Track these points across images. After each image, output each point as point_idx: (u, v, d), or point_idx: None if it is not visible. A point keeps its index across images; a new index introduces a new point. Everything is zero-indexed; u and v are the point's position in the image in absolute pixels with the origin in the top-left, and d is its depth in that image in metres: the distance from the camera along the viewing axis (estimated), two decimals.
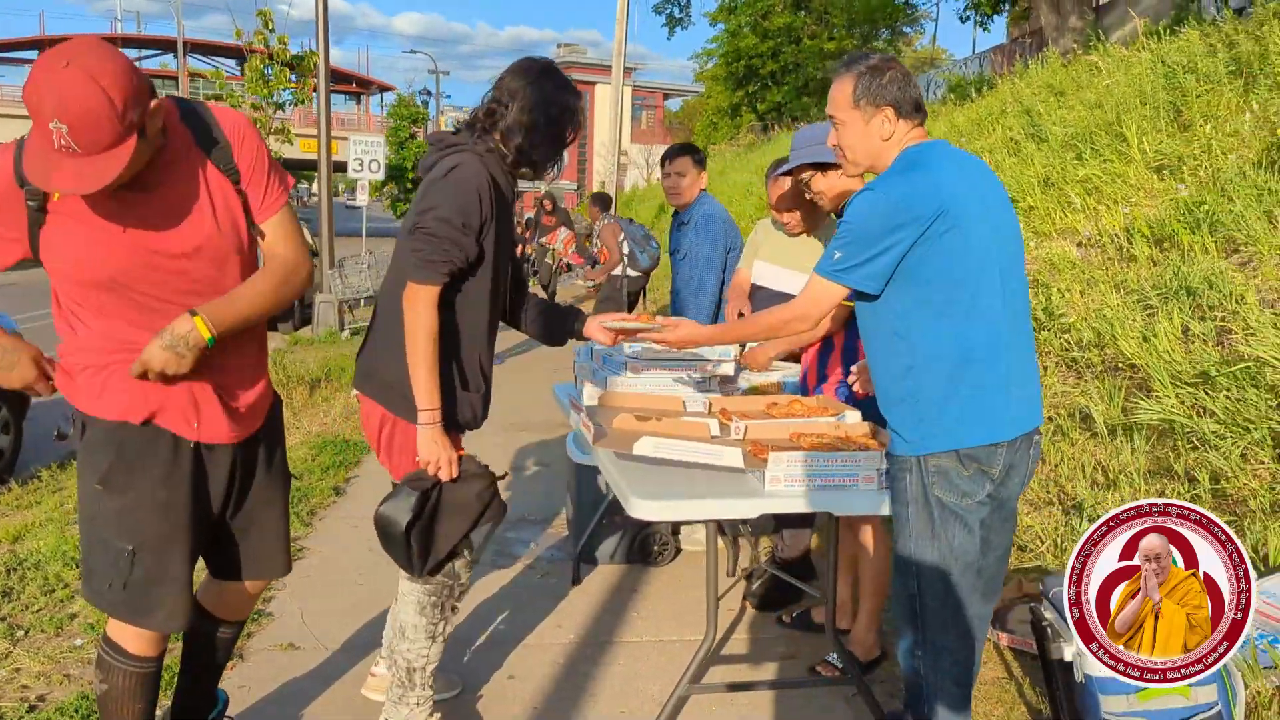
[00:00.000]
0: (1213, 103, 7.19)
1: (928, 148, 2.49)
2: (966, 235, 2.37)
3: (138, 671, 2.34)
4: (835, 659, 3.35)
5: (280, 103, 9.68)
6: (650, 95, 50.06)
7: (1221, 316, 4.67)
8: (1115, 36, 12.80)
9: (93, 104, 1.88)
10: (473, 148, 2.63)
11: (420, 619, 2.78)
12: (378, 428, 2.73)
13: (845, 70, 2.54)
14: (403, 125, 29.10)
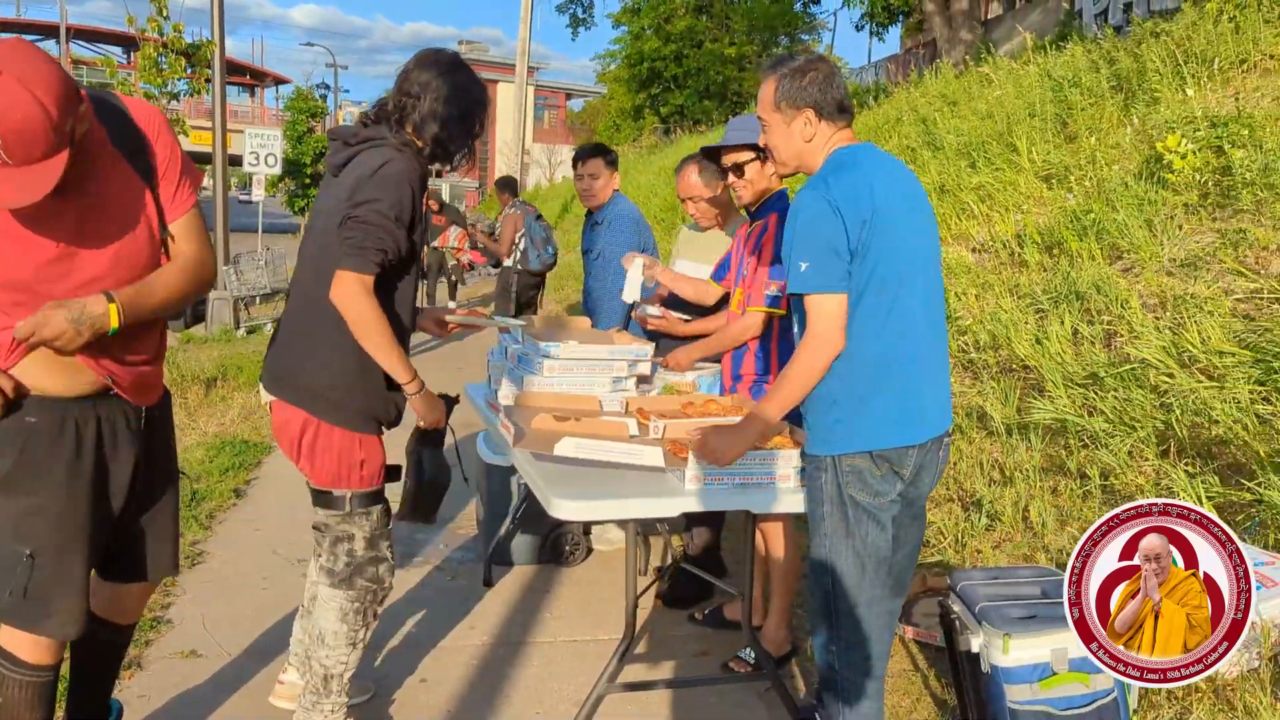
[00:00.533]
0: (1096, 116, 7.54)
1: (857, 150, 2.53)
2: (893, 238, 2.43)
3: (35, 681, 2.23)
4: (748, 655, 3.40)
5: (175, 93, 9.34)
6: (553, 95, 49.91)
7: (1108, 320, 4.90)
8: (1004, 49, 13.30)
9: (29, 115, 1.79)
10: (390, 142, 2.59)
11: (342, 626, 2.72)
12: (298, 433, 2.64)
13: (770, 72, 2.57)
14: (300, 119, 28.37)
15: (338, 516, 2.71)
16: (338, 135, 2.69)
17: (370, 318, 2.49)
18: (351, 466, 2.68)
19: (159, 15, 8.62)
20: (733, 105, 28.33)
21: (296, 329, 2.65)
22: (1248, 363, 3.94)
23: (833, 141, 2.54)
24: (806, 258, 2.41)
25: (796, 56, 2.59)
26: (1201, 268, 4.86)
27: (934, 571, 3.88)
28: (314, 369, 2.59)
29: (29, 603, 2.14)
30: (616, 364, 3.51)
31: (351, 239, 2.47)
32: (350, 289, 2.46)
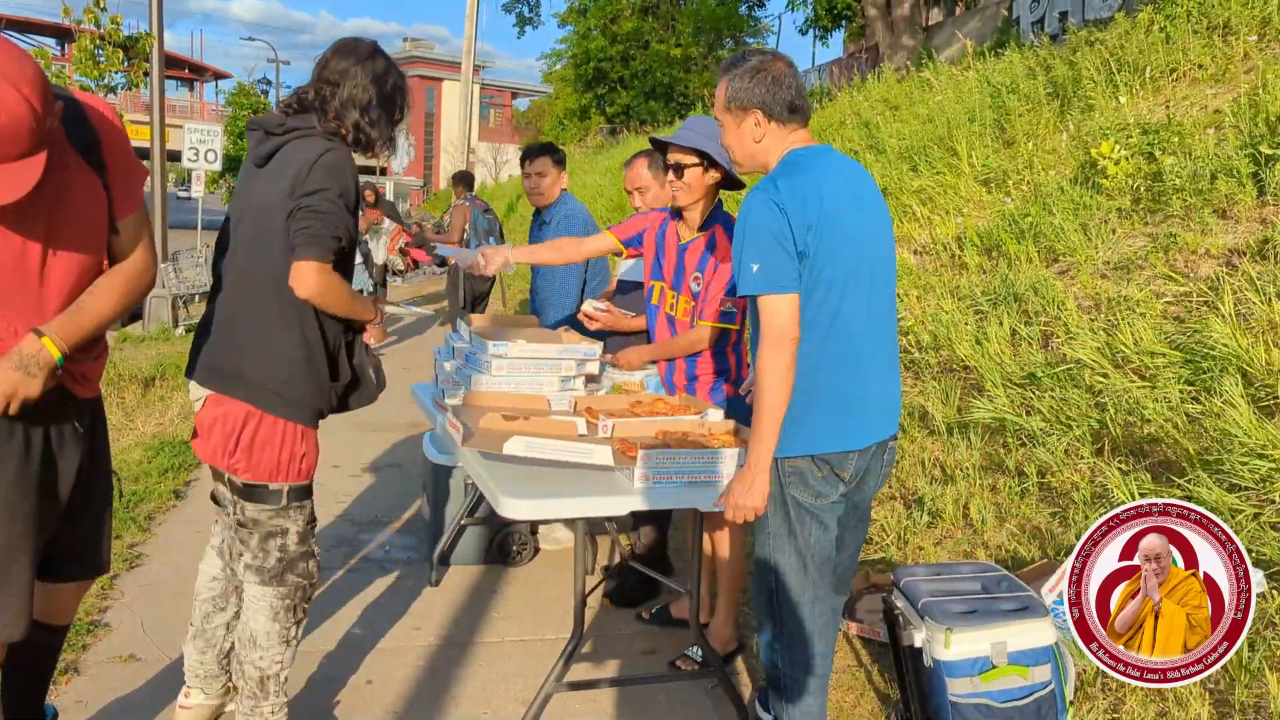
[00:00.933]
0: (1033, 122, 7.70)
1: (811, 152, 2.55)
2: (841, 242, 2.45)
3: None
4: (695, 653, 3.43)
5: (112, 86, 9.11)
6: (499, 94, 49.64)
7: (1045, 321, 5.02)
8: (944, 55, 13.53)
9: (15, 112, 1.78)
10: (319, 131, 2.59)
11: (274, 624, 2.68)
12: (238, 427, 2.59)
13: (723, 73, 2.59)
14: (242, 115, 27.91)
15: (270, 511, 2.65)
16: (259, 125, 2.65)
17: (339, 291, 2.55)
18: (292, 459, 2.64)
19: (96, 6, 8.41)
20: (679, 106, 28.41)
21: (237, 321, 2.60)
22: (1178, 363, 4.07)
23: (788, 142, 2.56)
24: (757, 259, 2.43)
25: (750, 56, 2.58)
26: (1134, 271, 5.00)
27: (877, 568, 3.94)
28: (261, 361, 2.56)
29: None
30: (565, 363, 3.51)
31: (308, 229, 2.45)
32: (316, 278, 2.46)
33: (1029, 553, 3.70)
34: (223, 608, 2.87)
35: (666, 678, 3.39)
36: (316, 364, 2.61)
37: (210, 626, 2.87)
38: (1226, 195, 5.07)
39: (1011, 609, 2.68)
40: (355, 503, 5.22)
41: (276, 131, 2.60)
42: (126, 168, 2.17)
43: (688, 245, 3.49)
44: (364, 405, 2.87)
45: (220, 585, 2.87)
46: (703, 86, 27.43)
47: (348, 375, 2.74)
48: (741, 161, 2.64)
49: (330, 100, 2.61)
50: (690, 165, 3.35)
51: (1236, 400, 3.58)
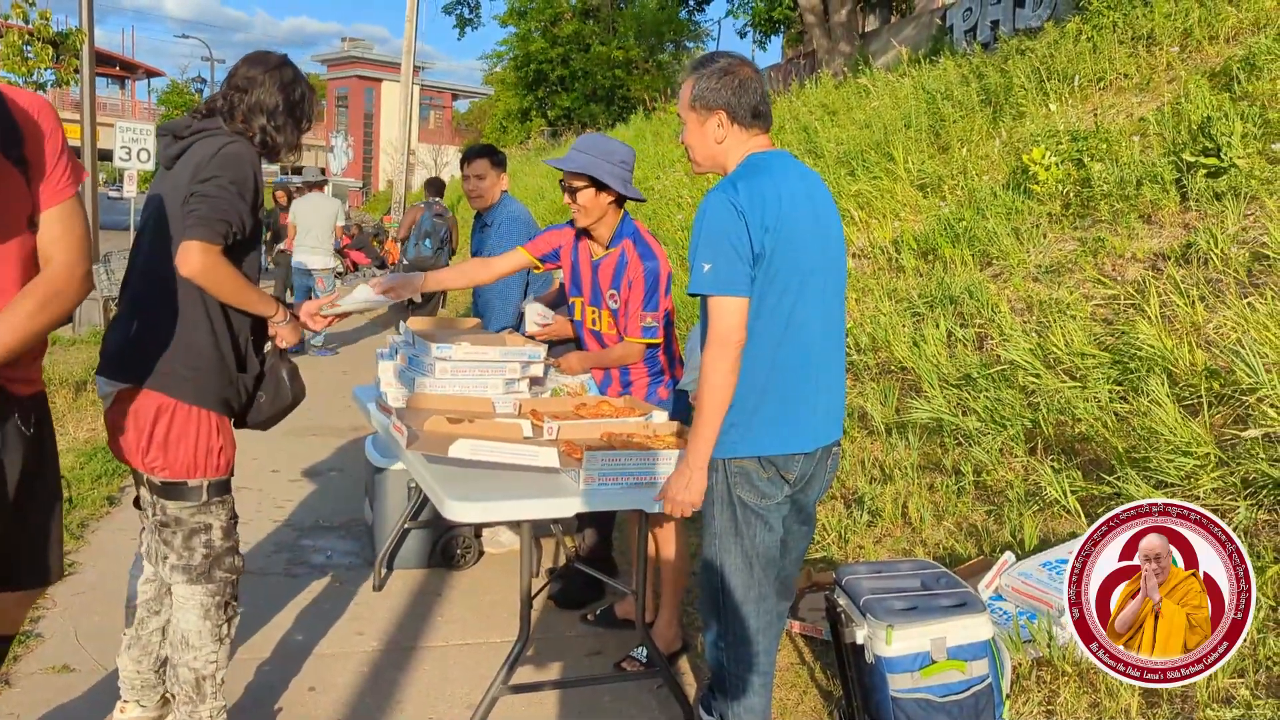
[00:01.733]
0: (967, 128, 7.88)
1: (772, 156, 2.58)
2: (796, 246, 2.49)
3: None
4: (640, 654, 3.45)
5: (41, 83, 8.85)
6: (439, 95, 49.21)
7: (980, 323, 5.13)
8: (880, 62, 13.75)
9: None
10: (225, 131, 2.62)
11: (205, 623, 2.65)
12: (150, 422, 2.55)
13: (690, 72, 2.62)
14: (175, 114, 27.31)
15: (192, 508, 2.62)
16: (168, 130, 2.69)
17: (225, 275, 2.50)
18: (210, 453, 2.61)
19: (24, 1, 8.17)
20: (620, 108, 28.46)
21: (142, 313, 2.59)
22: (1107, 364, 4.19)
23: (748, 146, 2.59)
24: (710, 259, 2.45)
25: (719, 58, 2.61)
26: (1064, 274, 5.13)
27: (819, 567, 4.00)
28: (172, 351, 2.54)
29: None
30: (509, 365, 3.51)
31: (196, 211, 2.46)
32: (200, 257, 2.43)
33: (966, 550, 3.79)
34: (156, 611, 2.83)
35: (612, 679, 3.41)
36: (223, 352, 2.60)
37: (145, 633, 2.83)
38: (1151, 201, 5.23)
39: (950, 605, 2.74)
40: (296, 508, 5.15)
41: (184, 135, 2.63)
42: (54, 160, 2.09)
43: (599, 262, 3.53)
44: (278, 414, 2.83)
45: (152, 589, 2.82)
46: (643, 89, 27.50)
47: (256, 368, 2.73)
48: (700, 161, 2.66)
49: (238, 105, 2.66)
50: (581, 188, 3.40)
51: (1162, 399, 3.70)
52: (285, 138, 2.73)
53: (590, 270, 3.56)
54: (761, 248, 2.44)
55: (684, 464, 2.57)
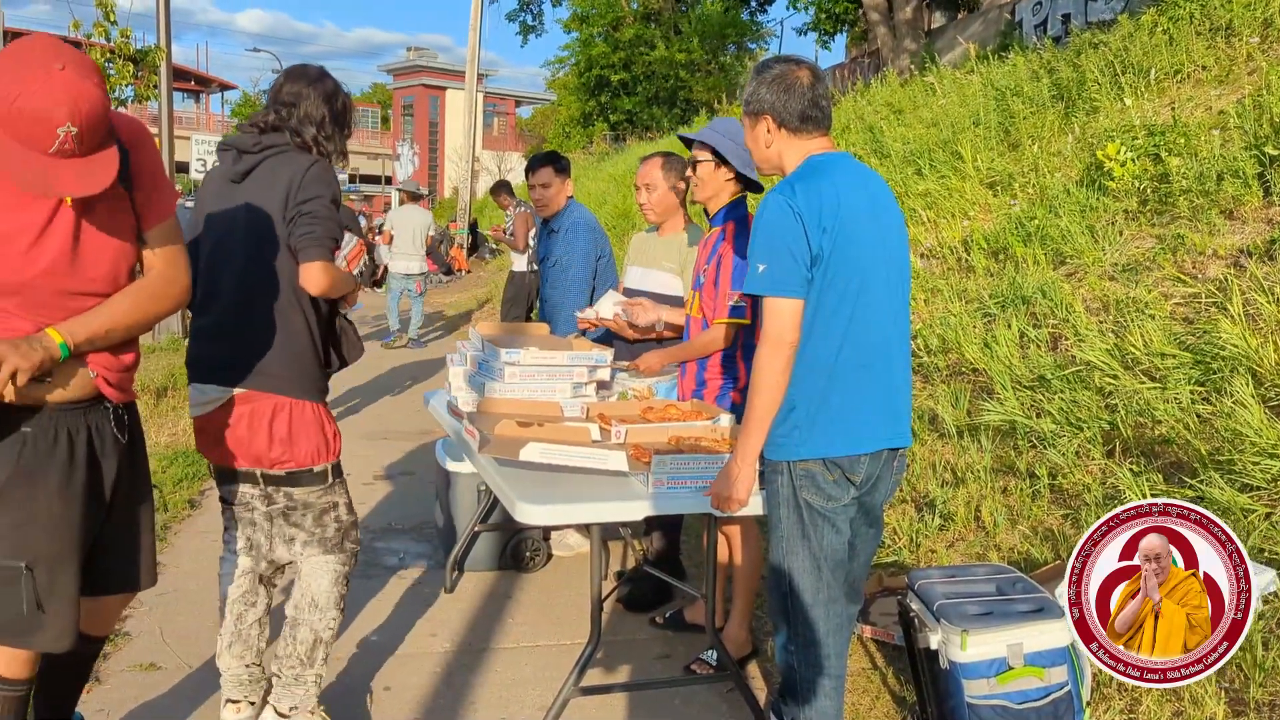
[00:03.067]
0: (1038, 124, 7.72)
1: (831, 157, 2.58)
2: (856, 247, 2.48)
3: (13, 695, 2.20)
4: (710, 657, 3.45)
5: (122, 99, 9.14)
6: (502, 102, 49.76)
7: (1054, 324, 5.03)
8: (946, 59, 13.55)
9: (98, 105, 1.90)
10: (294, 149, 2.81)
11: (334, 589, 2.91)
12: (269, 420, 2.74)
13: (751, 76, 2.66)
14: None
15: (319, 490, 2.86)
16: (231, 145, 2.86)
17: (339, 279, 2.77)
18: (328, 439, 2.86)
19: (106, 20, 8.45)
20: (682, 111, 28.47)
21: (247, 323, 2.75)
22: (1188, 364, 4.08)
23: (804, 149, 2.59)
24: (764, 260, 2.47)
25: (775, 64, 2.62)
26: (1142, 272, 5.01)
27: (889, 571, 3.96)
28: (280, 355, 2.74)
29: (24, 616, 2.10)
30: (576, 370, 3.54)
31: (311, 233, 2.67)
32: (324, 275, 2.69)
33: (1041, 554, 3.71)
34: (253, 603, 2.97)
35: (682, 682, 3.41)
36: (318, 351, 2.84)
37: (244, 626, 2.96)
38: (1233, 196, 5.08)
39: (1027, 610, 2.70)
40: (368, 511, 5.24)
41: (252, 150, 2.79)
42: (154, 181, 2.22)
43: (705, 240, 3.54)
44: (353, 360, 3.04)
45: (247, 580, 2.95)
46: (706, 91, 27.47)
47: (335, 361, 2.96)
48: (759, 164, 2.73)
49: (288, 119, 2.83)
50: (703, 160, 3.46)
51: (1247, 400, 3.59)
52: (334, 145, 2.90)
53: (701, 252, 3.60)
54: (819, 249, 2.44)
55: (731, 461, 2.61)
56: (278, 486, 2.83)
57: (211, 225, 2.82)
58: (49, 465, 2.10)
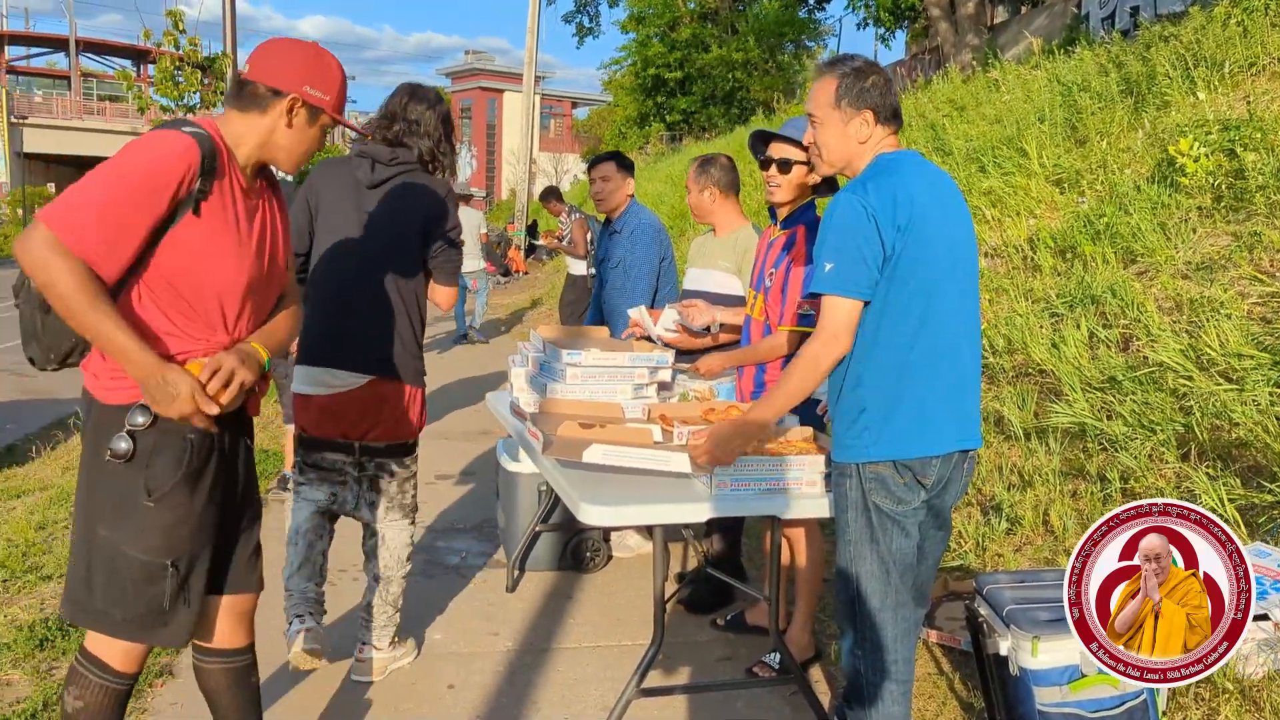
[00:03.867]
0: (1106, 120, 7.55)
1: (902, 156, 2.55)
2: (929, 247, 2.44)
3: (119, 688, 2.25)
4: (773, 659, 3.42)
5: (191, 106, 9.38)
6: (559, 104, 50.05)
7: (1124, 324, 4.91)
8: (1010, 54, 13.32)
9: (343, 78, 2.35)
10: (417, 164, 3.31)
11: (407, 549, 3.43)
12: (396, 401, 3.26)
13: (828, 70, 2.57)
14: None
15: (410, 460, 3.39)
16: (368, 155, 3.28)
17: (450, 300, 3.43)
18: (420, 417, 3.38)
19: (175, 29, 8.67)
20: (739, 111, 28.36)
21: (381, 319, 3.22)
22: (1266, 365, 3.95)
23: (879, 146, 2.56)
24: (832, 259, 2.44)
25: (855, 58, 2.60)
26: (1217, 271, 4.87)
27: (955, 575, 3.89)
28: (402, 348, 3.26)
29: (150, 613, 2.18)
30: (638, 371, 3.53)
31: (451, 263, 3.32)
32: (452, 297, 3.40)
33: None
34: (321, 535, 3.38)
35: (744, 684, 3.39)
36: (421, 345, 3.37)
37: (314, 554, 3.35)
38: None
39: None
40: (430, 510, 5.29)
41: (387, 163, 3.26)
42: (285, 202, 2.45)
43: (772, 242, 3.49)
44: None
45: (319, 517, 3.36)
46: (764, 90, 27.32)
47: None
48: (834, 160, 2.60)
49: (411, 136, 3.30)
50: (798, 161, 3.36)
51: None
52: (447, 160, 3.39)
53: (764, 252, 3.55)
54: (892, 248, 2.41)
55: (740, 425, 2.69)
56: (372, 456, 3.28)
57: (342, 223, 3.25)
58: (205, 470, 2.19)
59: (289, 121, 2.20)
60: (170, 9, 8.56)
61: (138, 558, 2.14)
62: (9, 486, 5.94)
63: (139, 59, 46.40)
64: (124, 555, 2.14)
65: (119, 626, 2.19)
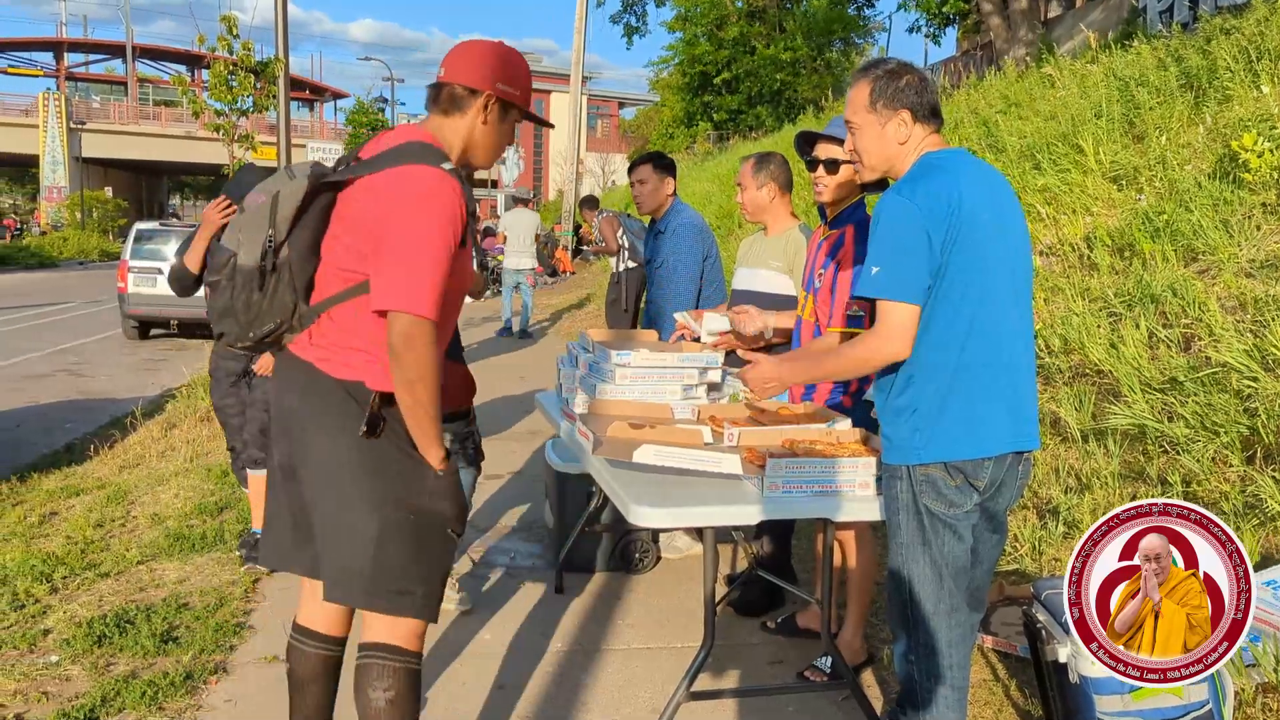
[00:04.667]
0: (1165, 115, 7.38)
1: (948, 154, 2.50)
2: (980, 246, 2.39)
3: (419, 668, 2.33)
4: (824, 663, 3.38)
5: (244, 109, 9.54)
6: (605, 104, 50.16)
7: (1186, 323, 4.79)
8: (1064, 49, 13.09)
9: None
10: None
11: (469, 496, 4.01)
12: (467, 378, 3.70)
13: (862, 74, 2.54)
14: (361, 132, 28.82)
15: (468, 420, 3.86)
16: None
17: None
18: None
19: (228, 34, 8.82)
20: (787, 110, 28.20)
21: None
22: None
23: (923, 145, 2.52)
24: (880, 262, 2.40)
25: (888, 60, 2.56)
26: None
27: (1011, 580, 3.82)
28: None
29: (442, 583, 2.35)
30: (687, 372, 3.51)
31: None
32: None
33: None
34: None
35: (795, 689, 3.35)
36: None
37: None
38: None
39: None
40: (480, 510, 5.32)
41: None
42: None
43: (821, 243, 3.45)
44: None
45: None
46: (812, 89, 27.15)
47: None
48: (875, 166, 2.57)
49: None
50: (846, 161, 3.30)
51: None
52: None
53: (813, 252, 3.51)
54: (942, 247, 2.37)
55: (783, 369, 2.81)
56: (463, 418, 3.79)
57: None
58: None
59: (484, 119, 2.31)
60: (224, 14, 8.74)
61: (439, 527, 2.25)
62: (68, 485, 6.08)
63: (193, 64, 47.35)
64: (425, 528, 2.23)
65: (421, 605, 2.26)
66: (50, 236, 38.83)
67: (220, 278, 2.24)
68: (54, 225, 41.77)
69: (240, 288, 2.19)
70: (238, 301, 2.21)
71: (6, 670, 3.37)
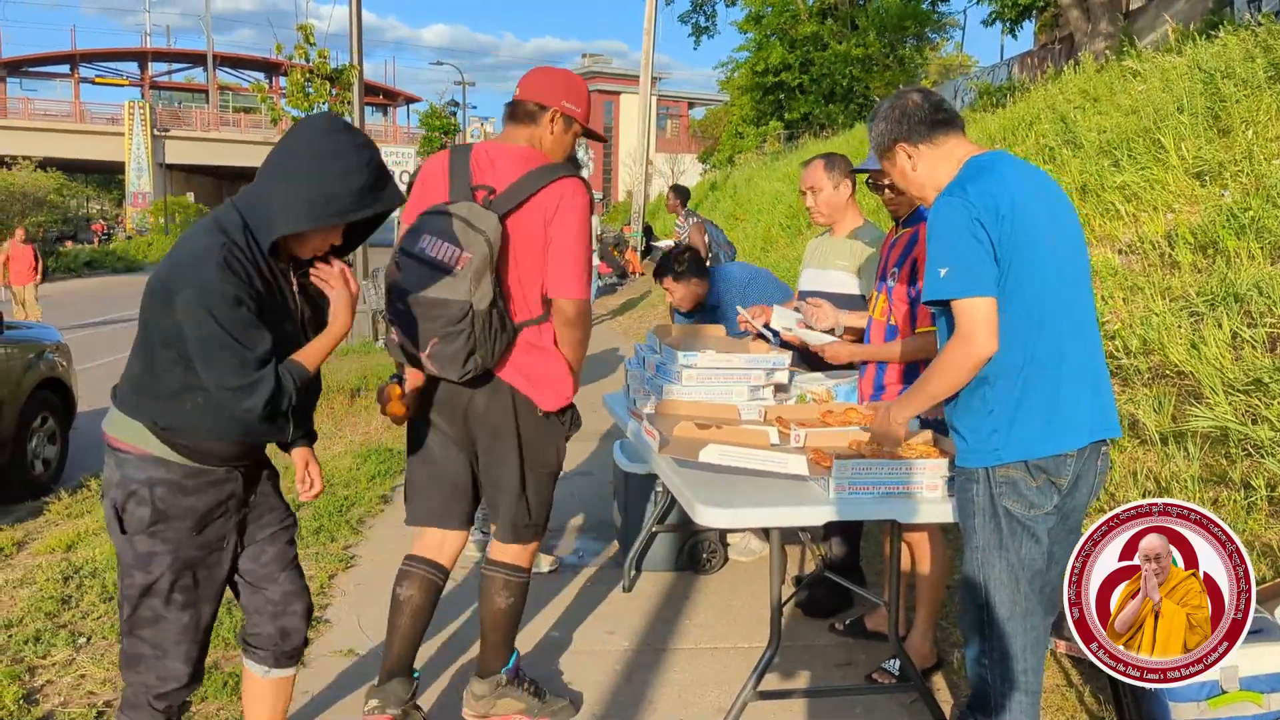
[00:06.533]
0: (1252, 108, 7.14)
1: (993, 156, 2.53)
2: (1036, 242, 2.39)
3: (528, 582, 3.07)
4: (892, 666, 3.35)
5: None
6: (675, 104, 50.18)
7: (1272, 323, 4.64)
8: (1146, 41, 12.74)
9: None
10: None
11: None
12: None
13: (868, 131, 2.70)
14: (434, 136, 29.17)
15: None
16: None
17: None
18: None
19: (305, 42, 9.05)
20: (859, 108, 27.90)
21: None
22: None
23: (956, 154, 2.55)
24: (946, 263, 2.41)
25: (883, 103, 2.67)
26: None
27: None
28: None
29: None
30: (754, 373, 3.52)
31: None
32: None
33: (1259, 572, 3.43)
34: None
35: (863, 690, 3.33)
36: None
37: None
38: None
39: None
40: None
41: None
42: None
43: (894, 242, 3.43)
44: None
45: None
46: (884, 87, 26.82)
47: None
48: (918, 196, 2.68)
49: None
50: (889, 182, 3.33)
51: None
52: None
53: (886, 252, 3.50)
54: (999, 243, 2.38)
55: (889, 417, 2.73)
56: None
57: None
58: None
59: (551, 130, 2.85)
60: (301, 23, 8.97)
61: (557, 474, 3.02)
62: None
63: (271, 72, 48.52)
64: (552, 477, 3.01)
65: (538, 531, 3.01)
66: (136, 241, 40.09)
67: (456, 329, 2.66)
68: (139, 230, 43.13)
69: (482, 329, 2.67)
70: (483, 342, 2.68)
71: (96, 659, 3.51)
